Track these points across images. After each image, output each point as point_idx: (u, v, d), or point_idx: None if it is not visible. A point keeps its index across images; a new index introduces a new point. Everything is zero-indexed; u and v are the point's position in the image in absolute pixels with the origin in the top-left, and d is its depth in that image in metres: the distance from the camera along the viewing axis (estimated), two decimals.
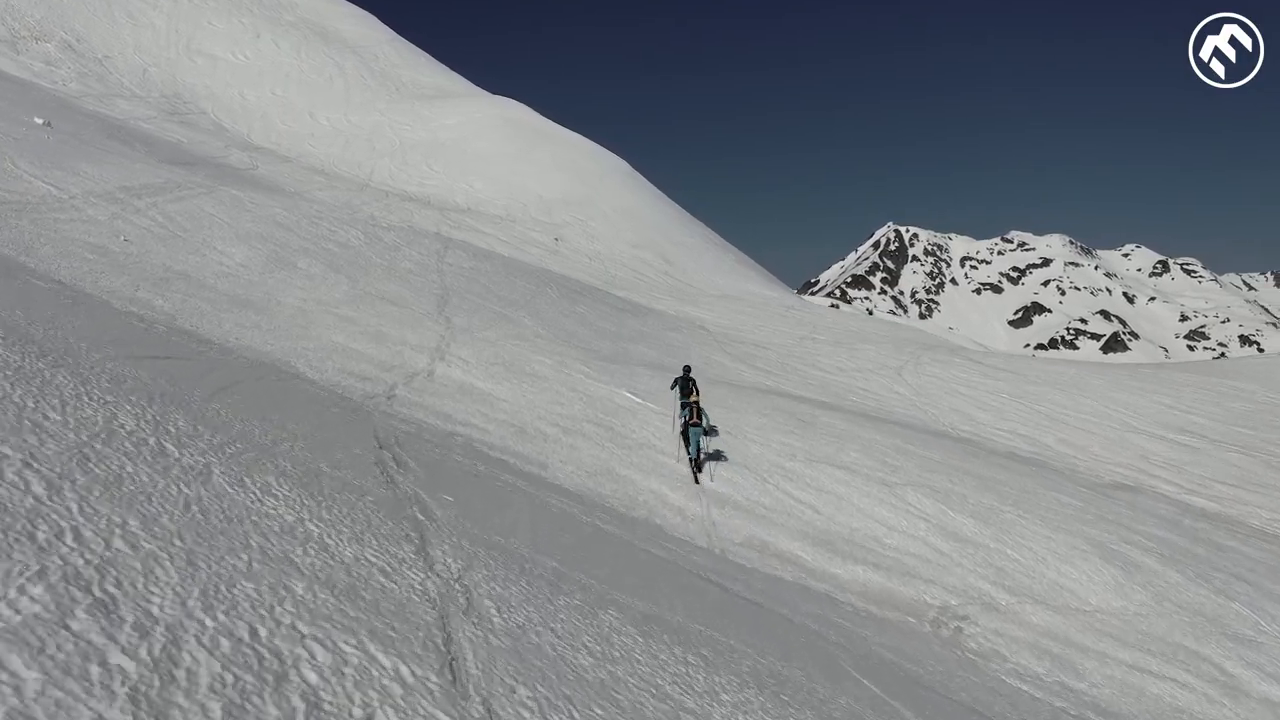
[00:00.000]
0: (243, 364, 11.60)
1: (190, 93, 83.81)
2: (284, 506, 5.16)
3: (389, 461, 7.82)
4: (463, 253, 35.93)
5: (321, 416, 9.15)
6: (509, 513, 8.03)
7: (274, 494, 5.33)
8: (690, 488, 16.45)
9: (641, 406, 20.69)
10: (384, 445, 8.75)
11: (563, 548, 7.24)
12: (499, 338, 24.71)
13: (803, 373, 36.27)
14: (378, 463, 7.54)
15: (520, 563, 6.15)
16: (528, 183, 73.77)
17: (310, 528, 4.96)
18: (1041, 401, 36.11)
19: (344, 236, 31.31)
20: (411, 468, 8.04)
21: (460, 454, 11.51)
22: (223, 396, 7.64)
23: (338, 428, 8.74)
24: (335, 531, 5.07)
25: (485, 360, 21.33)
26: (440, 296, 28.09)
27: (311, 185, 60.76)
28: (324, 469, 6.36)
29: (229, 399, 7.63)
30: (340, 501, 5.72)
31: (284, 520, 4.90)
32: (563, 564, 6.58)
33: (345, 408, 11.17)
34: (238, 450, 5.92)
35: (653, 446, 18.23)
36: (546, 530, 7.77)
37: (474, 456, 11.92)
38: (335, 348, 18.77)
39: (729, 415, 21.78)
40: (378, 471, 7.15)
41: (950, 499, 18.86)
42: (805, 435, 21.57)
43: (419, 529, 5.81)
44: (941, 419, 32.22)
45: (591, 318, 34.16)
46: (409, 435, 10.98)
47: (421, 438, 11.43)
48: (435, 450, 10.54)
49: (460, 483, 8.60)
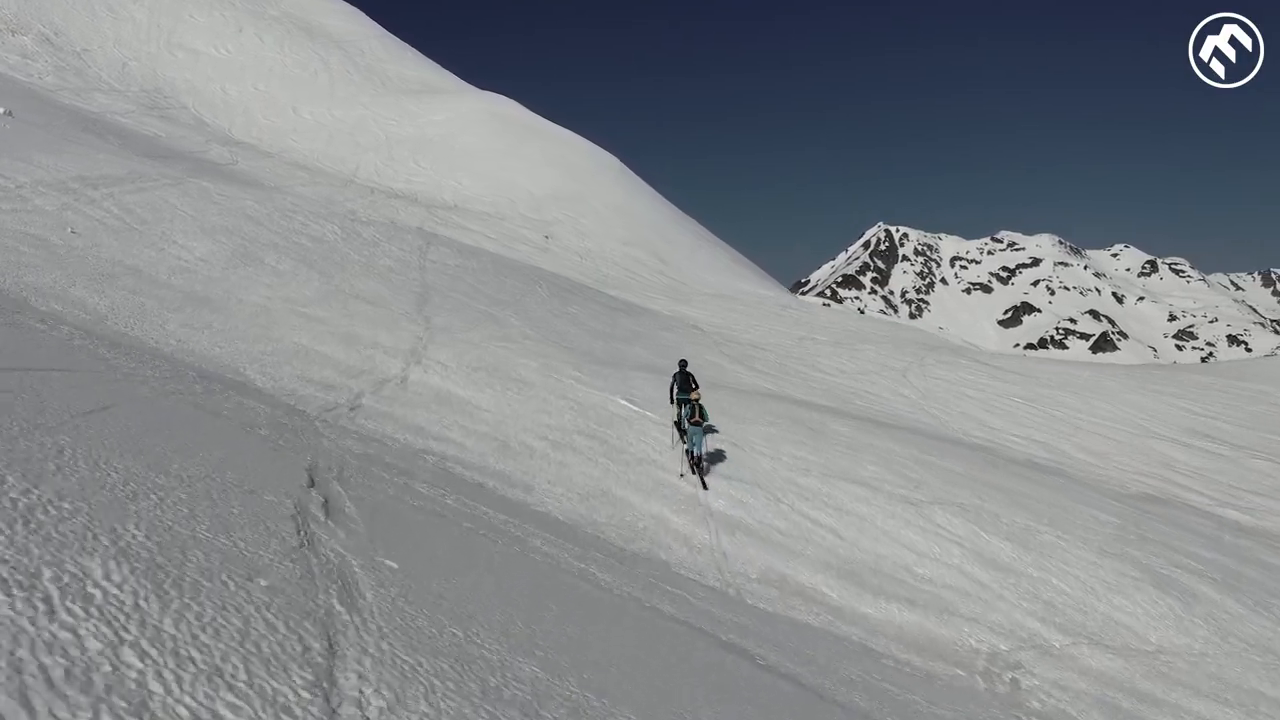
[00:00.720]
0: (161, 375, 9.56)
1: (171, 87, 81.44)
2: (94, 623, 3.15)
3: (315, 510, 5.80)
4: (447, 249, 33.83)
5: (236, 444, 7.11)
6: (475, 575, 6.01)
7: (85, 598, 3.32)
8: (695, 510, 14.44)
9: (638, 415, 18.67)
10: (318, 483, 6.73)
11: (546, 633, 5.25)
12: (483, 339, 22.65)
13: (804, 375, 34.28)
14: (297, 514, 5.52)
15: (482, 677, 4.16)
16: (517, 179, 71.64)
17: (126, 667, 2.96)
18: (1056, 405, 34.21)
19: (319, 231, 29.19)
20: (348, 516, 6.03)
21: (426, 482, 9.49)
22: (89, 422, 5.62)
23: (255, 460, 6.72)
24: (172, 667, 3.08)
25: (466, 364, 19.27)
26: (420, 295, 26.01)
27: (293, 181, 58.55)
28: (200, 535, 4.35)
29: (96, 426, 5.61)
30: (206, 598, 3.72)
31: (77, 658, 2.89)
32: (545, 667, 4.60)
33: (283, 428, 9.14)
34: (59, 514, 3.92)
35: (652, 461, 16.20)
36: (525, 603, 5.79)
37: (443, 484, 9.89)
38: (297, 351, 16.70)
39: (734, 425, 19.77)
40: (292, 529, 5.13)
41: (981, 518, 16.89)
42: (817, 446, 19.57)
43: (327, 636, 3.81)
44: (952, 424, 30.28)
45: (583, 318, 32.12)
46: (361, 462, 8.97)
47: (378, 464, 9.40)
48: (392, 482, 8.53)
49: (413, 534, 6.58)
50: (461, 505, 8.93)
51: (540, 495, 12.45)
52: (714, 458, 17.21)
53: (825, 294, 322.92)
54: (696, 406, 16.72)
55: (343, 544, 5.32)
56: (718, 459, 17.18)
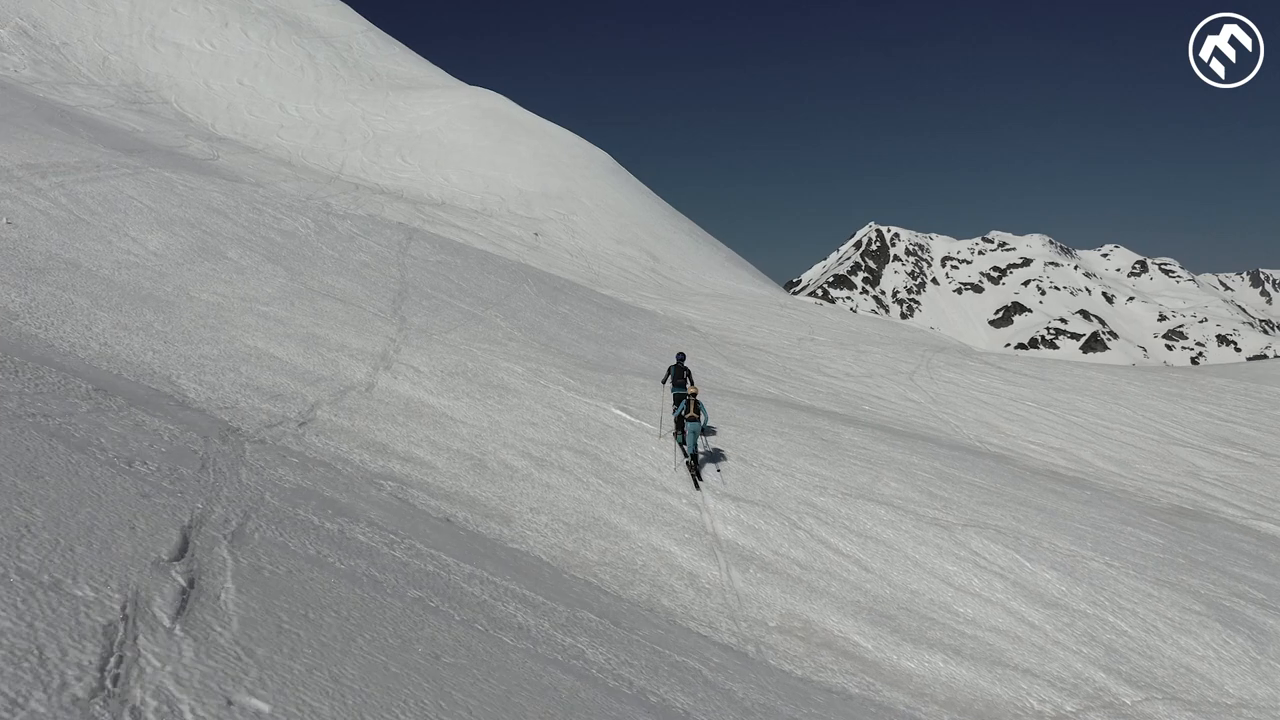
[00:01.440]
0: (35, 390, 7.51)
1: (153, 81, 79.20)
2: None
3: (162, 606, 3.76)
4: (429, 244, 31.74)
5: (81, 494, 5.02)
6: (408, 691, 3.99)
7: None
8: (701, 538, 12.41)
9: (634, 428, 16.64)
10: (195, 549, 4.71)
11: None
12: (464, 341, 20.60)
13: (808, 379, 32.31)
14: (124, 619, 3.50)
15: None
16: (506, 176, 69.55)
17: None
18: (1073, 410, 32.29)
19: (290, 224, 27.09)
20: (219, 610, 4.01)
21: (371, 525, 7.46)
22: None
23: (99, 520, 4.66)
24: None
25: (443, 369, 17.21)
26: (398, 293, 23.94)
27: (275, 176, 56.43)
28: None
29: None
30: None
31: None
32: None
33: (186, 459, 7.11)
34: None
35: (650, 480, 14.17)
36: None
37: (395, 526, 7.86)
38: (248, 355, 14.63)
39: (741, 435, 17.77)
40: (95, 656, 3.11)
41: (1020, 543, 14.90)
42: (832, 459, 17.57)
43: None
44: (965, 430, 28.33)
45: (574, 318, 30.09)
46: (286, 502, 6.96)
47: (311, 502, 7.37)
48: (319, 531, 6.49)
49: (322, 628, 4.49)
50: (414, 558, 6.92)
51: (520, 528, 10.42)
52: (719, 470, 15.22)
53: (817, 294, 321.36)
54: (693, 401, 15.42)
55: (183, 673, 3.30)
56: (729, 478, 15.18)
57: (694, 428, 15.18)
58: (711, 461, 15.78)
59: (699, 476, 14.92)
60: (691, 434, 15.21)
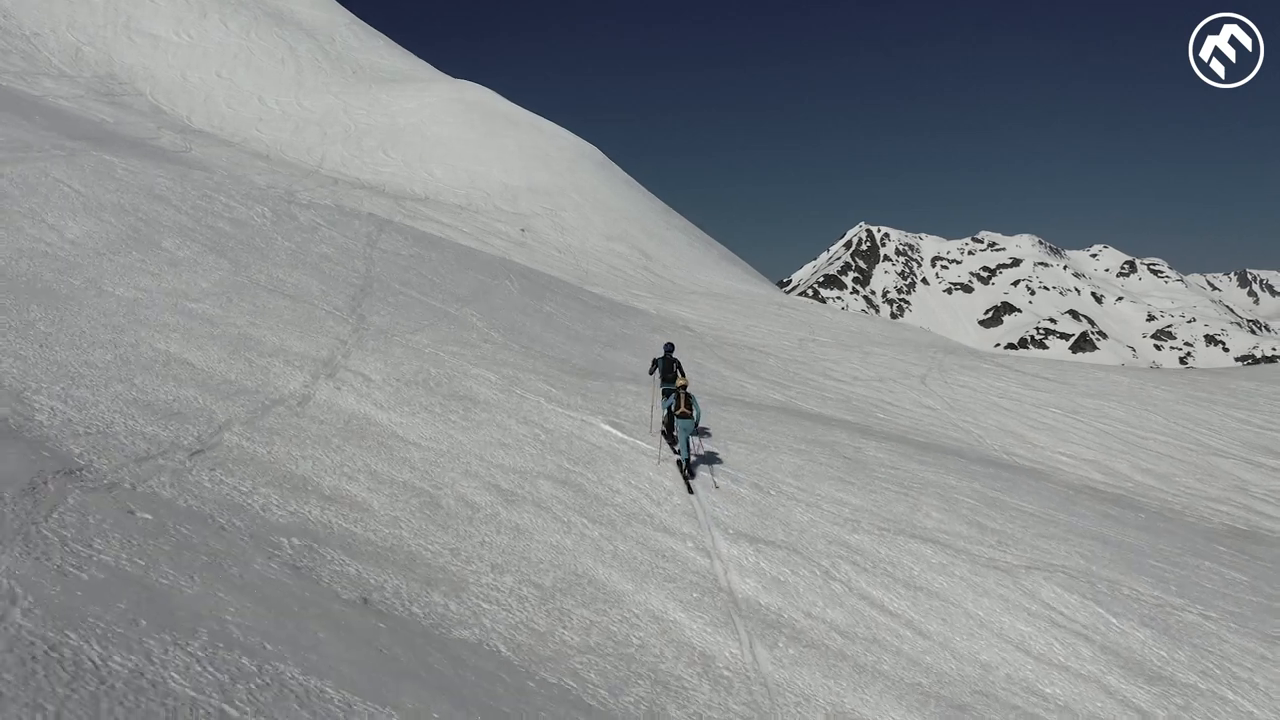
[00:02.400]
0: None
1: (128, 73, 76.10)
2: None
3: None
4: (401, 237, 28.84)
5: None
6: None
7: None
8: (715, 600, 9.58)
9: (627, 447, 13.83)
10: None
11: None
12: (431, 343, 17.76)
13: (815, 384, 29.55)
14: None
15: None
16: (492, 170, 66.63)
17: None
18: (1101, 418, 29.60)
19: (243, 213, 24.18)
20: None
21: (207, 646, 4.61)
22: None
23: None
24: None
25: (400, 377, 14.36)
26: (360, 289, 21.08)
27: (250, 170, 53.44)
28: None
29: None
30: None
31: None
32: None
33: None
34: None
35: (648, 518, 11.35)
36: None
37: (261, 633, 4.98)
38: (152, 361, 11.76)
39: (753, 455, 14.97)
40: None
41: (1096, 589, 12.14)
42: (860, 483, 14.79)
43: None
44: (990, 441, 25.61)
45: (560, 317, 27.27)
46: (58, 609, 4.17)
47: (111, 606, 4.54)
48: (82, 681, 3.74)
49: None
50: (262, 710, 4.10)
51: (474, 602, 7.60)
52: (729, 497, 12.42)
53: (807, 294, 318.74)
54: (683, 395, 13.71)
55: None
56: (737, 502, 12.38)
57: (686, 425, 13.38)
58: (721, 489, 12.99)
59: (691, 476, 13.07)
60: (684, 432, 13.35)
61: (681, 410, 13.47)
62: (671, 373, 15.27)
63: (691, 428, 13.49)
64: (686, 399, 13.65)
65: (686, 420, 13.41)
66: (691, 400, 13.74)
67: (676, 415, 13.47)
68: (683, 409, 13.48)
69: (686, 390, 13.92)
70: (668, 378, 15.28)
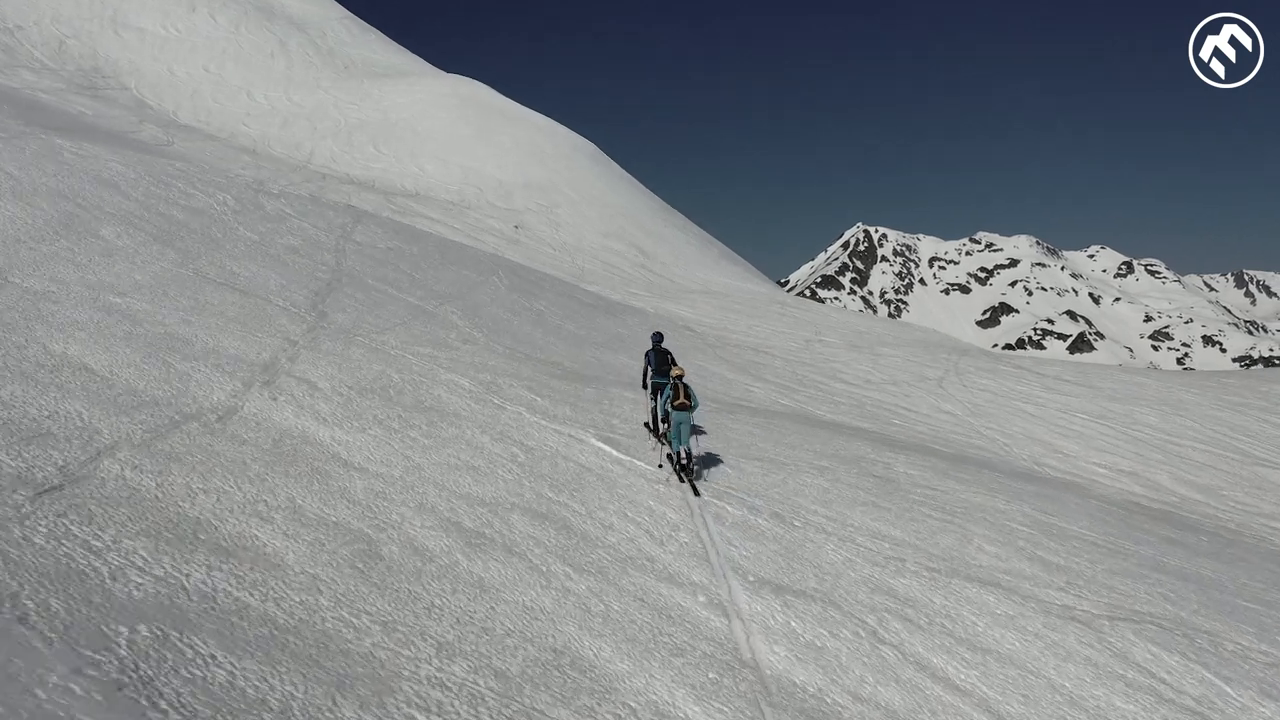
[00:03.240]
0: None
1: (112, 67, 73.78)
2: None
3: None
4: (380, 229, 26.54)
5: None
6: None
7: None
8: (736, 681, 7.27)
9: (623, 468, 11.55)
10: None
11: None
12: (400, 344, 15.47)
13: (824, 387, 27.29)
14: None
15: None
16: (485, 166, 64.31)
17: None
18: (1132, 424, 27.35)
19: (202, 201, 21.87)
20: None
21: None
22: None
23: None
24: None
25: (354, 384, 12.08)
26: (327, 283, 18.79)
27: (234, 164, 51.11)
28: None
29: None
30: None
31: None
32: None
33: None
34: None
35: (648, 562, 9.06)
36: None
37: None
38: (35, 367, 9.46)
39: (771, 476, 12.69)
40: None
41: (1196, 646, 9.86)
42: (897, 509, 12.52)
43: None
44: (1017, 450, 23.36)
45: (552, 316, 24.98)
46: None
47: None
48: None
49: None
50: None
51: (407, 703, 5.34)
52: (747, 532, 10.15)
53: (805, 294, 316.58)
54: (681, 386, 12.35)
55: None
56: (757, 538, 10.10)
57: (684, 419, 12.00)
58: (736, 520, 10.71)
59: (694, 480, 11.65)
60: (682, 428, 11.97)
61: (680, 401, 12.07)
62: (665, 364, 13.74)
63: (690, 421, 12.05)
64: (685, 389, 12.24)
65: (685, 413, 12.00)
66: (690, 391, 12.30)
67: (674, 408, 12.05)
68: (681, 399, 12.08)
69: (684, 380, 12.50)
70: (660, 370, 13.75)
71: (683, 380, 12.49)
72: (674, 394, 12.19)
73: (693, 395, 12.32)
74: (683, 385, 12.32)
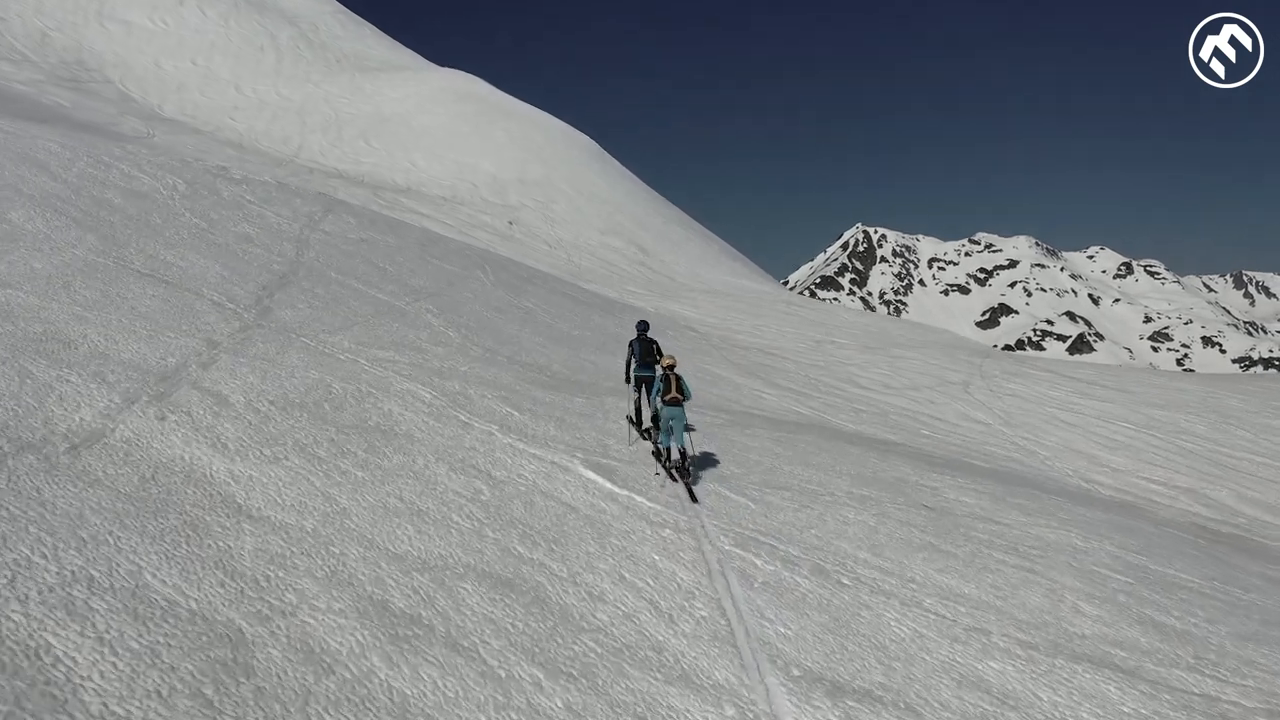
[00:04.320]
0: None
1: (97, 60, 71.29)
2: None
3: None
4: (353, 219, 23.96)
5: None
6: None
7: None
8: None
9: (619, 506, 8.97)
10: None
11: None
12: (355, 346, 12.90)
13: (841, 393, 24.72)
14: None
15: None
16: (480, 161, 61.73)
17: None
18: (1179, 433, 24.78)
19: (147, 185, 19.30)
20: None
21: None
22: None
23: None
24: None
25: (277, 397, 9.49)
26: (280, 276, 16.21)
27: (217, 157, 48.51)
28: None
29: None
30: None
31: None
32: None
33: None
34: None
35: (655, 653, 6.48)
36: None
37: None
38: None
39: (804, 511, 10.10)
40: None
41: None
42: (963, 554, 9.94)
43: None
44: (1059, 464, 20.81)
45: (542, 315, 22.43)
46: None
47: None
48: None
49: None
50: None
51: None
52: (783, 595, 7.59)
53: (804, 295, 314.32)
54: (672, 378, 11.14)
55: None
56: (797, 606, 7.53)
57: (677, 415, 10.78)
58: (768, 579, 8.11)
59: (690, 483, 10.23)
60: (674, 423, 10.71)
61: (672, 395, 10.85)
62: (650, 355, 12.48)
63: (682, 415, 10.79)
64: (676, 381, 11.04)
65: (677, 408, 10.76)
66: (683, 383, 11.11)
67: (664, 401, 10.83)
68: (673, 393, 10.88)
69: (675, 370, 11.21)
70: (645, 361, 12.46)
71: (674, 371, 11.19)
72: (664, 387, 10.97)
73: (685, 388, 11.07)
74: (674, 376, 11.05)
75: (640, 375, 12.42)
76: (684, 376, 11.45)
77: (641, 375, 12.40)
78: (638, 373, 12.48)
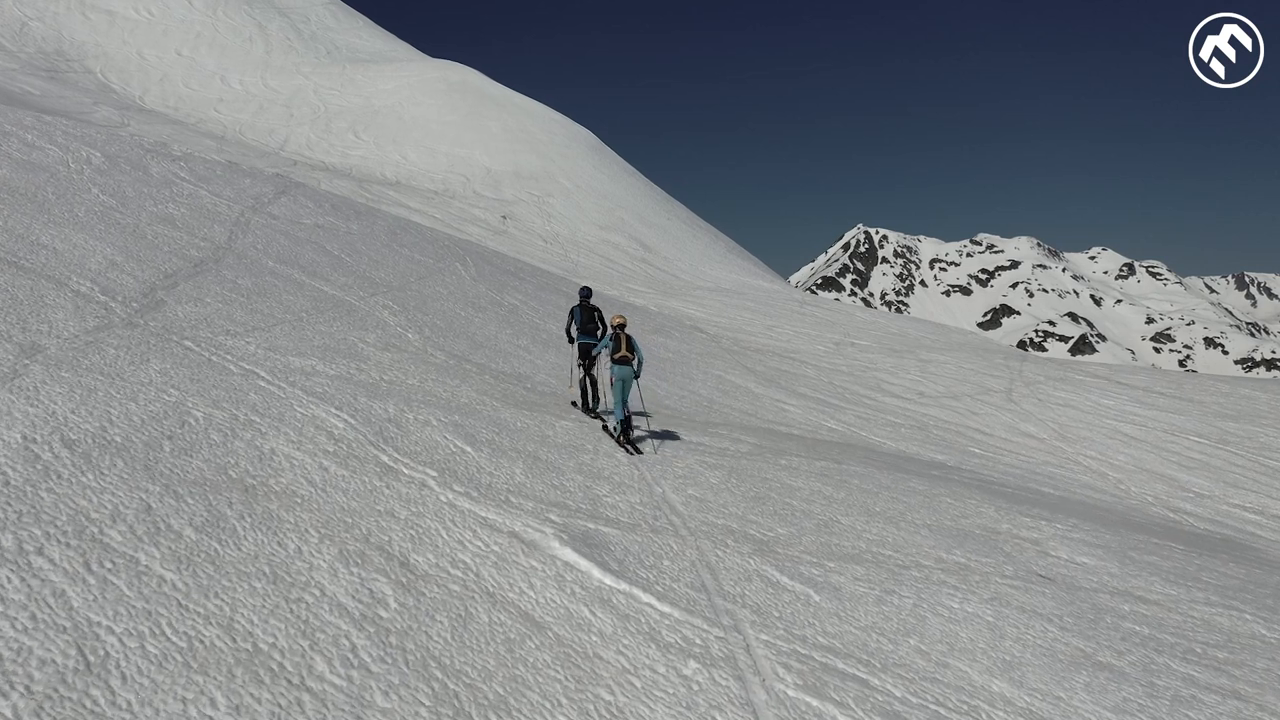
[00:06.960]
0: None
1: (77, 51, 68.02)
2: None
3: None
4: (311, 203, 20.58)
5: None
6: None
7: None
8: None
9: (616, 614, 5.59)
10: None
11: None
12: (263, 352, 9.54)
13: (872, 403, 21.35)
14: None
15: None
16: (473, 154, 58.35)
17: None
18: (1262, 449, 21.37)
19: (52, 157, 15.94)
20: None
21: None
22: None
23: None
24: None
25: (81, 435, 6.14)
26: (194, 264, 12.84)
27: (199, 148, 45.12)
28: None
29: None
30: None
31: None
32: None
33: None
34: None
35: None
36: None
37: None
38: None
39: (886, 598, 6.72)
40: None
41: None
42: (1131, 670, 6.57)
43: None
44: (1135, 489, 17.45)
45: (528, 314, 19.06)
46: None
47: None
48: None
49: None
50: None
51: None
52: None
53: None
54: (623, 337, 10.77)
55: None
56: None
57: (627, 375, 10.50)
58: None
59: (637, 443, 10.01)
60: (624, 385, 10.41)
61: (621, 353, 10.67)
62: (593, 322, 12.21)
63: (633, 378, 10.64)
64: (627, 340, 10.83)
65: (625, 367, 10.62)
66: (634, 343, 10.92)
67: (614, 360, 10.63)
68: (622, 351, 10.71)
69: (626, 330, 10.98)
70: (586, 330, 12.11)
71: (624, 330, 10.91)
72: (614, 346, 10.71)
73: (635, 345, 10.86)
74: (625, 336, 10.82)
75: (583, 342, 11.95)
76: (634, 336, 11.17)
77: (584, 342, 11.94)
78: (581, 340, 12.01)
